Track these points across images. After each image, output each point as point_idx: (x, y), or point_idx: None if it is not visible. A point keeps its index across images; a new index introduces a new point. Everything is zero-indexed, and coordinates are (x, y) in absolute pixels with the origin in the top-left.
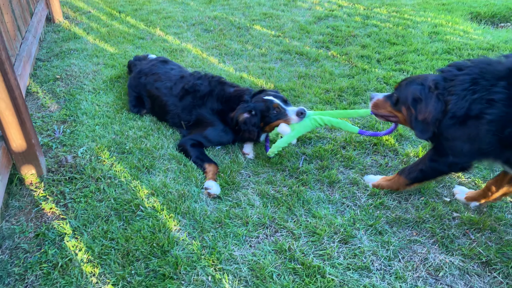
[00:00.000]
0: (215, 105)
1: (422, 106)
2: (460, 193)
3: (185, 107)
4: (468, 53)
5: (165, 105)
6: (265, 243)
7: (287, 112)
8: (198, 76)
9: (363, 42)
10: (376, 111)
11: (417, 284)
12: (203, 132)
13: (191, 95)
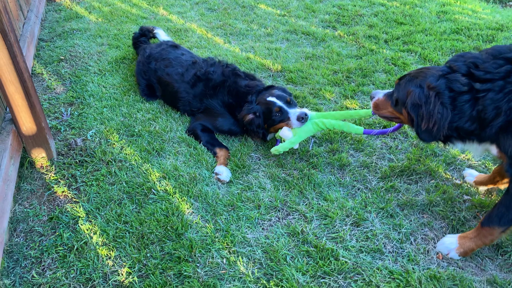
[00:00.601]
0: (225, 98)
1: (423, 113)
2: (469, 176)
3: (196, 95)
4: (477, 33)
5: (176, 92)
6: (277, 226)
7: (289, 115)
8: (211, 62)
9: (370, 21)
10: (378, 112)
11: (429, 266)
12: (214, 121)
13: (203, 82)
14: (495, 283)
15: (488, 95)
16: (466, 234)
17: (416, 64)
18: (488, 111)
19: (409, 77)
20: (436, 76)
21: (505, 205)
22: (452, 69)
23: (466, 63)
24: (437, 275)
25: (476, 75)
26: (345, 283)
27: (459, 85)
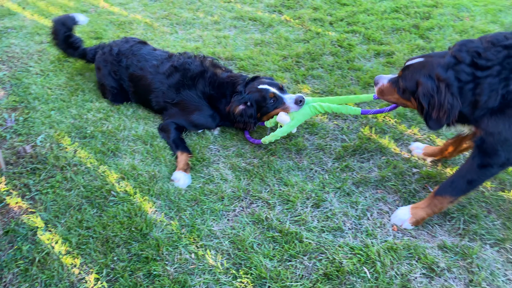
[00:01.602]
0: (206, 89)
1: (435, 103)
2: (417, 149)
3: (172, 85)
4: (414, 11)
5: (149, 84)
6: (242, 216)
7: (284, 100)
8: (188, 55)
9: (314, 4)
10: (383, 98)
11: (386, 239)
12: (190, 116)
13: (180, 73)
14: (445, 247)
15: (487, 80)
16: (418, 205)
17: (360, 44)
18: (484, 94)
19: (413, 68)
20: (444, 67)
21: (460, 175)
22: (458, 60)
23: (469, 52)
24: (394, 246)
25: (479, 64)
26: (311, 263)
27: (465, 76)
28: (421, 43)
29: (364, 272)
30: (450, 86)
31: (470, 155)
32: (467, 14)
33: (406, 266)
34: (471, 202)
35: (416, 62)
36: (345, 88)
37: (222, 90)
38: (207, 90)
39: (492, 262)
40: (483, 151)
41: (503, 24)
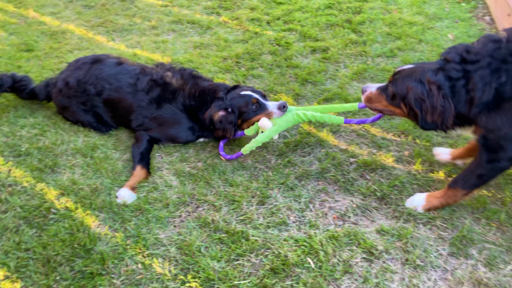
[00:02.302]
0: (187, 101)
1: (428, 106)
2: (442, 154)
3: (153, 100)
4: (347, 6)
5: (131, 104)
6: (188, 221)
7: (267, 106)
8: (167, 67)
9: (251, 4)
10: (370, 105)
11: (328, 228)
12: (167, 130)
13: (161, 87)
14: (382, 231)
15: (477, 72)
16: (434, 194)
17: (297, 42)
18: (477, 89)
19: (404, 74)
20: (434, 71)
21: (470, 170)
22: (447, 60)
23: (458, 52)
24: (335, 234)
25: (468, 59)
26: (257, 260)
27: (455, 72)
28: (354, 37)
29: (308, 263)
30: (441, 87)
31: (479, 151)
32: (395, 7)
33: (347, 252)
34: (405, 185)
35: (407, 68)
36: (284, 86)
37: (203, 98)
38: (187, 102)
39: (425, 240)
40: (488, 147)
41: (427, 15)
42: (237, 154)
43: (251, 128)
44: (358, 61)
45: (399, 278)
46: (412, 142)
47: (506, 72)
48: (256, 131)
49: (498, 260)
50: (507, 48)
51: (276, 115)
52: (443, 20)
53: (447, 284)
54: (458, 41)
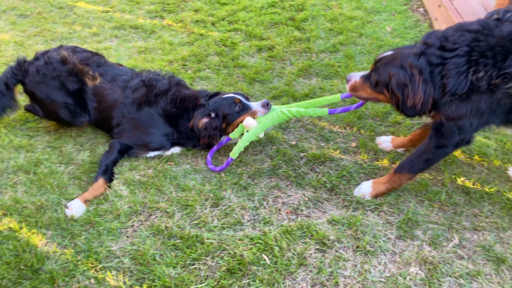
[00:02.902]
0: (168, 106)
1: (409, 91)
2: (385, 142)
3: (136, 99)
4: (289, 4)
5: (117, 98)
6: (141, 230)
7: (251, 106)
8: (157, 72)
9: (195, 6)
10: (355, 94)
11: (282, 223)
12: (142, 136)
13: (146, 88)
14: (333, 221)
15: (453, 60)
16: (379, 180)
17: (243, 41)
18: (450, 76)
19: (385, 60)
20: (415, 55)
21: (418, 155)
22: (428, 45)
23: (438, 37)
24: (289, 228)
25: (446, 47)
26: (213, 262)
27: (435, 58)
28: (298, 35)
29: (263, 260)
30: (422, 72)
31: (427, 137)
32: (335, 3)
33: (301, 245)
34: (352, 174)
35: (388, 54)
36: (232, 86)
37: (184, 105)
38: (168, 107)
39: (374, 226)
40: (440, 133)
41: (366, 9)
42: (227, 161)
43: (236, 130)
44: (303, 57)
45: (351, 265)
46: (357, 133)
47: (484, 67)
48: (241, 133)
49: (441, 239)
50: (485, 40)
51: (260, 114)
52: (381, 14)
53: (396, 266)
54: (396, 33)
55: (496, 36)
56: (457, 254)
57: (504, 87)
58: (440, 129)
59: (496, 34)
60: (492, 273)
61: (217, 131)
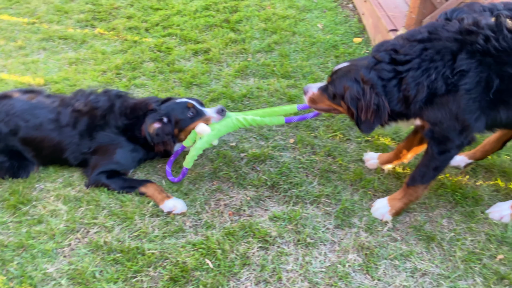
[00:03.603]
0: (119, 122)
1: (362, 105)
2: (371, 159)
3: (83, 133)
4: (223, 6)
5: (59, 142)
6: (79, 248)
7: (204, 112)
8: (88, 92)
9: (127, 13)
10: (314, 106)
11: (224, 225)
12: (113, 157)
13: (87, 115)
14: (275, 217)
15: (409, 74)
16: (394, 196)
17: (178, 46)
18: (411, 88)
19: (341, 73)
20: (367, 69)
21: (425, 165)
22: (377, 60)
23: (387, 51)
24: (231, 230)
25: (398, 60)
26: (156, 273)
27: (386, 73)
28: (233, 36)
29: (206, 264)
30: (374, 86)
31: (428, 146)
32: (269, 3)
33: (244, 245)
34: (291, 170)
35: (343, 66)
36: (169, 92)
37: (135, 114)
38: (120, 123)
39: (313, 218)
40: (436, 140)
41: (298, 7)
42: (182, 172)
43: (189, 138)
44: (239, 59)
45: (293, 259)
46: (295, 129)
47: (435, 70)
48: (194, 140)
49: (376, 224)
50: (433, 47)
51: (214, 120)
52: (312, 11)
53: (336, 254)
54: (327, 29)
55: (443, 38)
56: (391, 237)
57: (462, 83)
58: (434, 136)
59: (443, 36)
60: (423, 251)
61: (171, 137)
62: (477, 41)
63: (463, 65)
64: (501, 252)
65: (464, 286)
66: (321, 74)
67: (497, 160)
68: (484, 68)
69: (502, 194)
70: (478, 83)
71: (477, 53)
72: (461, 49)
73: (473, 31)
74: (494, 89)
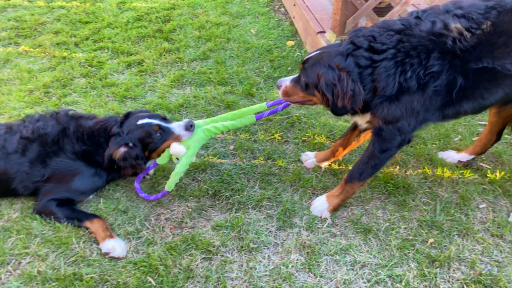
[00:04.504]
0: (76, 147)
1: (339, 90)
2: (309, 159)
3: (35, 160)
4: (155, 16)
5: (5, 172)
6: (10, 281)
7: (172, 129)
8: (36, 118)
9: (54, 28)
10: (289, 99)
11: (166, 240)
12: (70, 185)
13: (37, 142)
14: (217, 227)
15: (382, 63)
16: (332, 193)
17: (111, 59)
18: (381, 79)
19: (312, 61)
20: (343, 55)
21: (364, 162)
22: (356, 45)
23: (366, 37)
24: (173, 244)
25: (375, 48)
26: None
27: (363, 60)
28: (167, 46)
29: (149, 282)
30: (350, 73)
31: (370, 143)
32: (201, 11)
33: (187, 258)
34: (233, 177)
35: (314, 54)
36: (103, 107)
37: (95, 140)
38: (78, 148)
39: (256, 222)
40: (382, 138)
41: (231, 14)
42: (162, 192)
43: (163, 156)
44: (175, 68)
45: (237, 266)
46: (234, 136)
47: (411, 68)
48: (169, 158)
49: (316, 221)
50: (409, 41)
51: (186, 137)
52: (245, 17)
53: (279, 256)
54: (260, 34)
55: (417, 36)
56: (331, 232)
57: (432, 85)
58: (381, 133)
59: (417, 34)
60: (361, 244)
61: (139, 160)
62: (447, 43)
63: (435, 65)
64: (431, 236)
65: (400, 272)
66: (257, 79)
67: (425, 149)
68: (452, 70)
69: (430, 181)
70: (446, 85)
71: (448, 54)
72: (434, 49)
73: (444, 34)
74: (457, 89)
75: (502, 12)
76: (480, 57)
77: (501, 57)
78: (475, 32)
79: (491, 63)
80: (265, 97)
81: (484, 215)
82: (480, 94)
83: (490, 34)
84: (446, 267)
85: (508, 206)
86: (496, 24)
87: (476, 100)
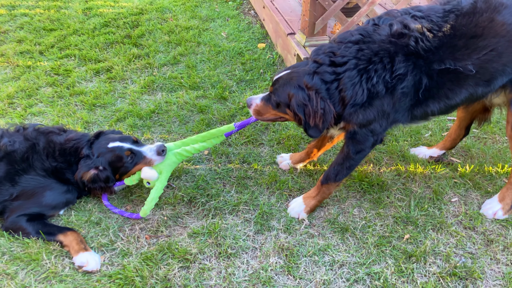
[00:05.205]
0: (47, 164)
1: (310, 111)
2: (285, 161)
3: (3, 179)
4: (123, 21)
5: None
6: None
7: (144, 153)
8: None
9: (17, 36)
10: (260, 117)
11: (142, 251)
12: (41, 200)
13: (4, 160)
14: (194, 234)
15: (345, 74)
16: (309, 194)
17: (78, 67)
18: (347, 88)
19: (282, 81)
20: (309, 74)
21: (339, 164)
22: (319, 63)
23: (326, 53)
24: (149, 254)
25: (336, 62)
26: None
27: (328, 76)
28: (136, 51)
29: None
30: (319, 90)
31: (344, 145)
32: (170, 15)
33: (164, 267)
34: (208, 182)
35: (284, 74)
36: (71, 117)
37: (66, 158)
38: (48, 165)
39: (233, 227)
40: (356, 141)
41: (201, 17)
42: (136, 216)
43: (133, 177)
44: (145, 74)
45: (216, 273)
46: None
47: (376, 73)
48: (138, 180)
49: (293, 223)
50: (369, 48)
51: (157, 162)
52: (215, 20)
53: (258, 260)
54: (231, 37)
55: (377, 41)
56: (309, 233)
57: (399, 87)
58: (355, 136)
59: (377, 40)
60: (339, 243)
61: (110, 182)
62: (409, 43)
63: (401, 68)
64: (407, 232)
65: (378, 270)
66: (229, 82)
67: (397, 146)
68: (417, 71)
69: (403, 178)
70: (413, 86)
71: (412, 55)
72: (397, 51)
73: (405, 34)
74: (423, 89)
75: (459, 15)
76: (442, 59)
77: (462, 58)
78: (436, 34)
79: (453, 65)
80: (238, 100)
81: (456, 209)
82: (445, 94)
83: (450, 37)
84: (422, 262)
85: (479, 199)
86: (455, 27)
87: (442, 100)
